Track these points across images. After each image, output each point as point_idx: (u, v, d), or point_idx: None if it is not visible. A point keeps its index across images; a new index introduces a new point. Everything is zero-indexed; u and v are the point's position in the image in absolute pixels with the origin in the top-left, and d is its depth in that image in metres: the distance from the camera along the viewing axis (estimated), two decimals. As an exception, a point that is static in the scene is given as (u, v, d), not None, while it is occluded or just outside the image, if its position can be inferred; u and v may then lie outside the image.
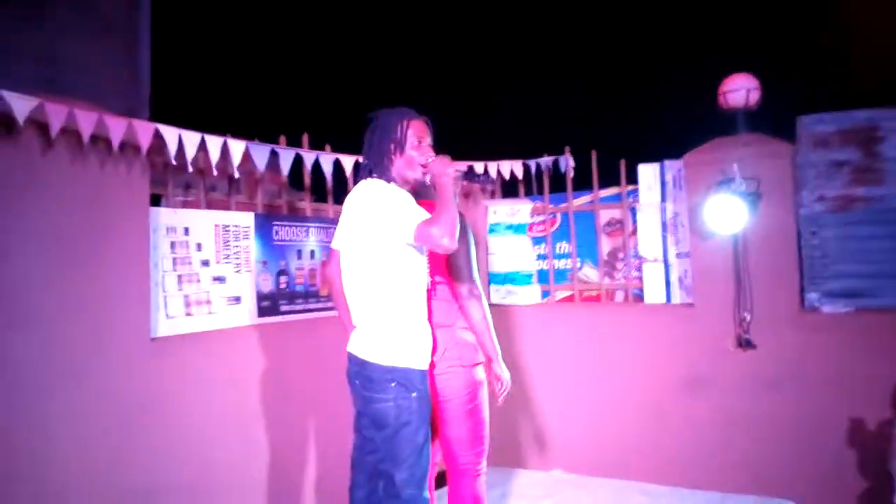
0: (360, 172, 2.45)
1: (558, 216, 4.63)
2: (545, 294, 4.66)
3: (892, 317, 3.59)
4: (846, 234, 3.74)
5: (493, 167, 4.36)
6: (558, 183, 4.61)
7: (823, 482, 3.64)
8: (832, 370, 3.67)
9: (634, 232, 4.36)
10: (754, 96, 3.94)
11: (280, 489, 3.27)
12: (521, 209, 4.71)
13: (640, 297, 4.33)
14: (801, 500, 3.56)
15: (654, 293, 4.27)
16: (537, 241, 4.69)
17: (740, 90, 3.93)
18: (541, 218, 4.67)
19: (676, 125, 4.44)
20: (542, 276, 4.67)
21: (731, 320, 3.92)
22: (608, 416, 4.23)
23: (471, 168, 2.45)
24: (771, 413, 3.79)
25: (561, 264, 4.63)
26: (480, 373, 2.62)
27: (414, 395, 2.25)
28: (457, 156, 2.47)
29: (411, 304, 2.33)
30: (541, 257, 4.68)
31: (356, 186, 2.40)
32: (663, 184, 4.26)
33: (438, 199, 2.24)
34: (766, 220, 3.82)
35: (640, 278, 4.32)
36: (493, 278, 4.76)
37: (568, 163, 4.54)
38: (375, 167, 2.38)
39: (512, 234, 4.73)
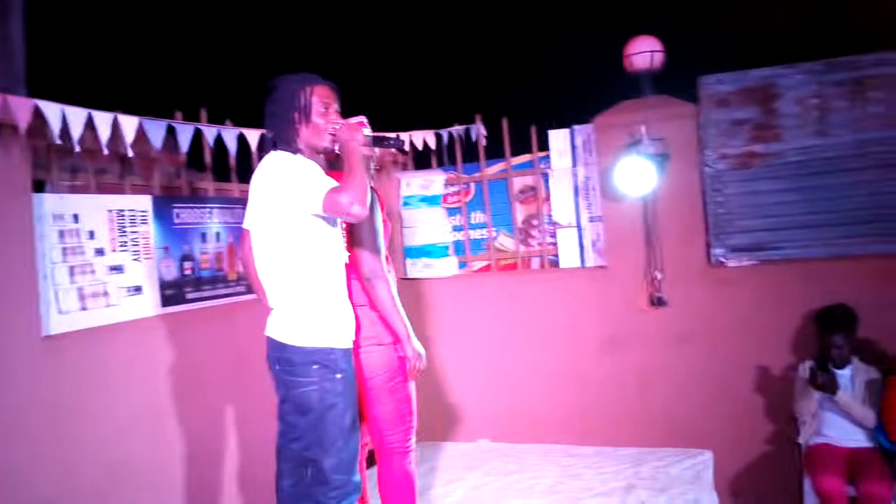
0: (264, 145, 2.29)
1: (472, 186, 4.59)
2: (462, 265, 4.62)
3: (792, 267, 3.76)
4: (747, 190, 3.88)
5: (404, 137, 4.25)
6: (471, 152, 4.56)
7: (735, 429, 3.81)
8: (739, 321, 3.83)
9: (548, 198, 4.38)
10: (658, 58, 3.99)
11: (198, 485, 3.10)
12: (434, 180, 4.63)
13: (555, 263, 4.37)
14: (716, 447, 3.71)
15: (568, 258, 4.31)
16: (452, 211, 4.64)
17: (644, 53, 3.97)
18: (455, 188, 4.61)
19: (585, 89, 4.45)
20: (459, 248, 4.63)
21: (643, 280, 4.01)
22: (530, 383, 4.27)
23: (383, 135, 2.34)
24: (684, 367, 3.92)
25: (477, 234, 4.60)
26: (401, 350, 2.55)
27: (338, 376, 2.16)
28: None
29: (328, 281, 2.22)
30: (456, 228, 4.63)
31: (262, 161, 2.25)
32: (574, 149, 4.29)
33: (346, 166, 2.13)
34: (674, 181, 3.91)
35: (555, 244, 4.35)
36: (408, 252, 4.68)
37: (479, 131, 4.49)
38: (280, 139, 2.23)
39: (426, 207, 4.66)
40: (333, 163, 2.38)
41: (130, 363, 2.90)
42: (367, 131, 2.24)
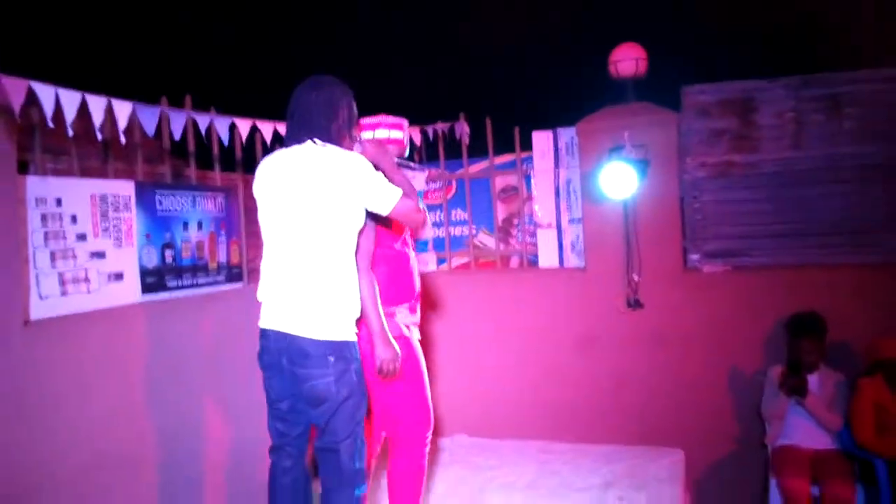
0: (297, 138, 2.25)
1: (454, 183, 4.61)
2: (442, 261, 4.64)
3: (765, 274, 3.88)
4: (724, 198, 3.98)
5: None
6: (454, 150, 4.58)
7: (705, 430, 3.91)
8: (712, 325, 3.93)
9: (529, 198, 4.42)
10: (642, 66, 4.07)
11: (177, 476, 3.06)
12: (416, 176, 4.62)
13: (535, 263, 4.42)
14: (687, 447, 3.80)
15: (548, 258, 4.36)
16: (433, 208, 4.65)
17: (629, 60, 4.05)
18: (437, 185, 4.63)
19: (569, 93, 4.52)
20: (439, 244, 4.65)
21: (620, 282, 4.08)
22: (507, 379, 4.31)
23: (408, 163, 2.49)
24: (658, 368, 4.01)
25: (457, 231, 4.63)
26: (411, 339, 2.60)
27: (353, 366, 2.18)
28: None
29: (354, 275, 2.26)
30: (437, 224, 4.65)
31: (305, 152, 2.22)
32: (556, 151, 4.34)
33: (396, 180, 2.29)
34: (654, 186, 3.98)
35: (535, 244, 4.40)
36: (388, 247, 4.68)
37: (463, 129, 4.51)
38: (325, 138, 2.23)
39: (407, 202, 4.66)
40: None
41: (110, 350, 2.85)
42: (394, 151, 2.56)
